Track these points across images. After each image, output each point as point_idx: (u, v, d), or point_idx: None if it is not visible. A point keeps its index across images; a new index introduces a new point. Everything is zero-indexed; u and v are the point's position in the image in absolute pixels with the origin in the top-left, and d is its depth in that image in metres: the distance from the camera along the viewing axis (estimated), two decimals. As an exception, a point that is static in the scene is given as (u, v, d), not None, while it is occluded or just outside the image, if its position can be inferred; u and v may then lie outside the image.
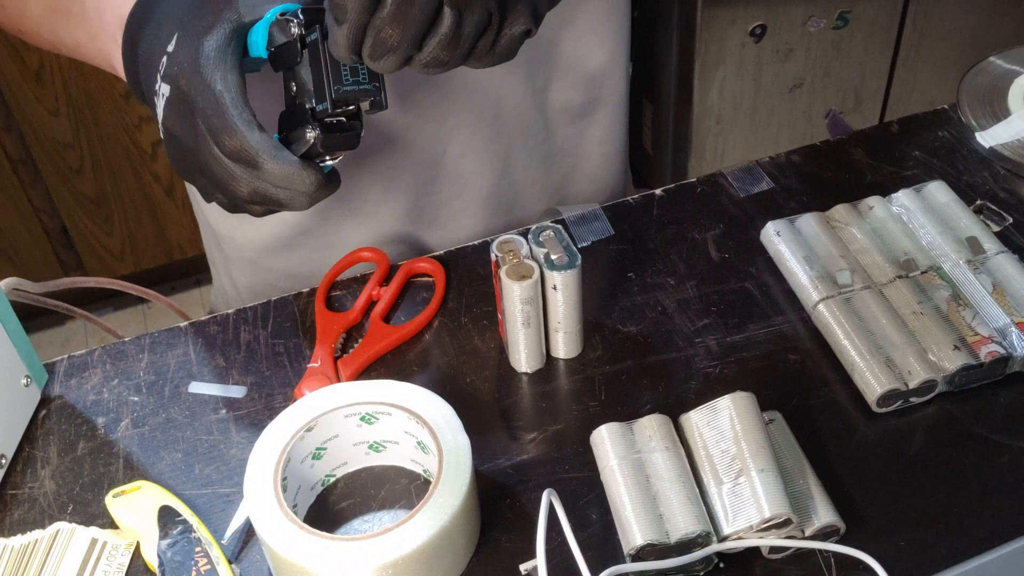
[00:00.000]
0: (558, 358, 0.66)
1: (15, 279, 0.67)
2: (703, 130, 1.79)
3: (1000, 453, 0.59)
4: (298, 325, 0.70)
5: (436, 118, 0.75)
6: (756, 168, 0.79)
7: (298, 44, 0.52)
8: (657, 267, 0.72)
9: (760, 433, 0.55)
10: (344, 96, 0.52)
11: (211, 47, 0.51)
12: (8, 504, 0.60)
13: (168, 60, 0.53)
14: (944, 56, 1.82)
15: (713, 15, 1.62)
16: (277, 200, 0.54)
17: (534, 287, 0.61)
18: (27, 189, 1.81)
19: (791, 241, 0.69)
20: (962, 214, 0.71)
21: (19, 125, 1.72)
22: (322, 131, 0.53)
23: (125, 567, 0.56)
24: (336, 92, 0.52)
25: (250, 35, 0.53)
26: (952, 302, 0.65)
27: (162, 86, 0.53)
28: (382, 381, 0.59)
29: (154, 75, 0.54)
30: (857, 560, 0.53)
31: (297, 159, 0.52)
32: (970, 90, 0.83)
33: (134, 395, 0.66)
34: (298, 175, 0.52)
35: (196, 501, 0.59)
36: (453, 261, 0.73)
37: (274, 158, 0.51)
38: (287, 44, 0.52)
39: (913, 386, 0.60)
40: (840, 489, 0.57)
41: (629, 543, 0.52)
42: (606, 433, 0.57)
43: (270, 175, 0.52)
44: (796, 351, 0.65)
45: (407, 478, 0.60)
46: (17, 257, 1.89)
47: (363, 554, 0.51)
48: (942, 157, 0.79)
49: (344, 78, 0.52)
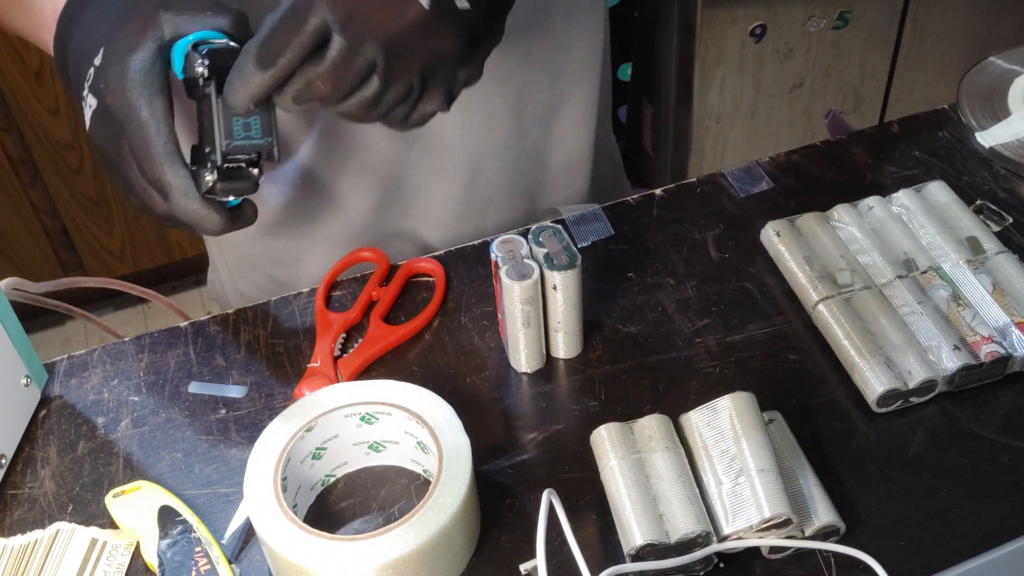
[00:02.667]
0: (558, 358, 0.66)
1: (15, 279, 0.67)
2: (703, 130, 1.79)
3: (1000, 453, 0.59)
4: (298, 325, 0.70)
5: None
6: (756, 168, 0.79)
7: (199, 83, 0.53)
8: (657, 267, 0.72)
9: (760, 433, 0.55)
10: (235, 150, 0.53)
11: (136, 68, 0.52)
12: (8, 504, 0.60)
13: (96, 73, 0.53)
14: (944, 56, 1.82)
15: (713, 15, 1.62)
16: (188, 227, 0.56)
17: (534, 287, 0.61)
18: (27, 189, 1.81)
19: (791, 241, 0.69)
20: (962, 214, 0.71)
21: (19, 125, 1.72)
22: (219, 177, 0.54)
23: (125, 567, 0.56)
24: (226, 146, 0.53)
25: (172, 51, 0.53)
26: (952, 302, 0.65)
27: (89, 96, 0.54)
28: (382, 381, 0.59)
29: (82, 83, 0.54)
30: (857, 560, 0.53)
31: (202, 200, 0.53)
32: (970, 90, 0.83)
33: (134, 395, 0.66)
34: (201, 216, 0.54)
35: (196, 501, 0.59)
36: (453, 261, 0.73)
37: (184, 195, 0.53)
38: (193, 80, 0.53)
39: (913, 386, 0.60)
40: (840, 489, 0.57)
41: (629, 543, 0.52)
42: (606, 433, 0.57)
43: (177, 209, 0.53)
44: (796, 351, 0.65)
45: (407, 478, 0.60)
46: (17, 257, 1.89)
47: (363, 554, 0.51)
48: (942, 157, 0.79)
49: (236, 132, 0.53)
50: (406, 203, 0.81)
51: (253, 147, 0.54)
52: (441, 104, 0.55)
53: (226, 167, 0.54)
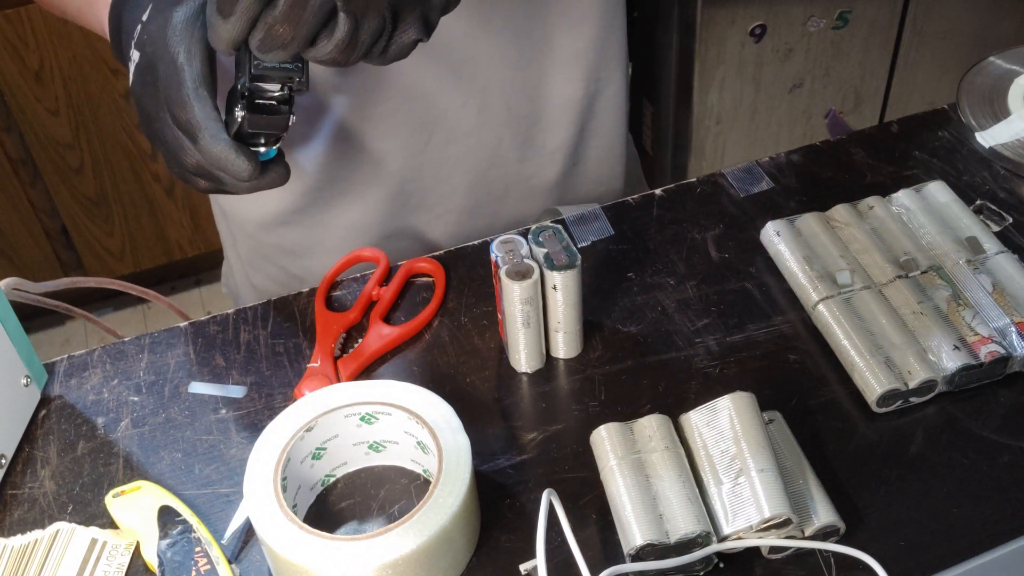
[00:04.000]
0: (558, 358, 0.66)
1: (15, 279, 0.67)
2: (703, 130, 1.79)
3: (1000, 453, 0.59)
4: (298, 325, 0.70)
5: (424, 104, 0.76)
6: (756, 168, 0.79)
7: None
8: (657, 267, 0.72)
9: (760, 433, 0.55)
10: (263, 73, 0.53)
11: (179, 18, 0.53)
12: (8, 504, 0.60)
13: (141, 28, 0.55)
14: (944, 56, 1.82)
15: (713, 15, 1.62)
16: (218, 179, 0.56)
17: (534, 287, 0.61)
18: (27, 189, 1.81)
19: (791, 241, 0.69)
20: (962, 214, 0.71)
21: (19, 125, 1.72)
22: (248, 111, 0.53)
23: (125, 567, 0.56)
24: (255, 67, 0.53)
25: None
26: (952, 302, 0.65)
27: (134, 52, 0.55)
28: (382, 381, 0.59)
29: (129, 42, 0.56)
30: (857, 560, 0.53)
31: (231, 142, 0.54)
32: (970, 90, 0.83)
33: (134, 395, 0.66)
34: (228, 158, 0.54)
35: (196, 501, 0.59)
36: (453, 261, 0.73)
37: (212, 136, 0.53)
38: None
39: (913, 386, 0.60)
40: (840, 489, 0.57)
41: (629, 543, 0.52)
42: (606, 433, 0.57)
43: (205, 152, 0.54)
44: (796, 351, 0.65)
45: (407, 478, 0.60)
46: (17, 257, 1.89)
47: (363, 554, 0.51)
48: (942, 157, 0.79)
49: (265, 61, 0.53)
50: (423, 194, 0.82)
51: (282, 71, 0.53)
52: (419, 32, 0.53)
53: (257, 102, 0.54)
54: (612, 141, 0.86)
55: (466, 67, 0.75)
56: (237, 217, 0.86)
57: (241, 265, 0.91)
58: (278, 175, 0.57)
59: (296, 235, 0.84)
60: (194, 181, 0.58)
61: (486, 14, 0.73)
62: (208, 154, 0.54)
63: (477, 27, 0.74)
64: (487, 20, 0.74)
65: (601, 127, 0.84)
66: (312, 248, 0.84)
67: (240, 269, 0.91)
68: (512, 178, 0.83)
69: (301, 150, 0.78)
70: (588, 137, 0.84)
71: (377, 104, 0.75)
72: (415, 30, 0.53)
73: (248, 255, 0.89)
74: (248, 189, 0.57)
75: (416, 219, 0.83)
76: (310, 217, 0.82)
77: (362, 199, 0.81)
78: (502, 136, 0.80)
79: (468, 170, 0.81)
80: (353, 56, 0.52)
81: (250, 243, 0.87)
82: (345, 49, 0.51)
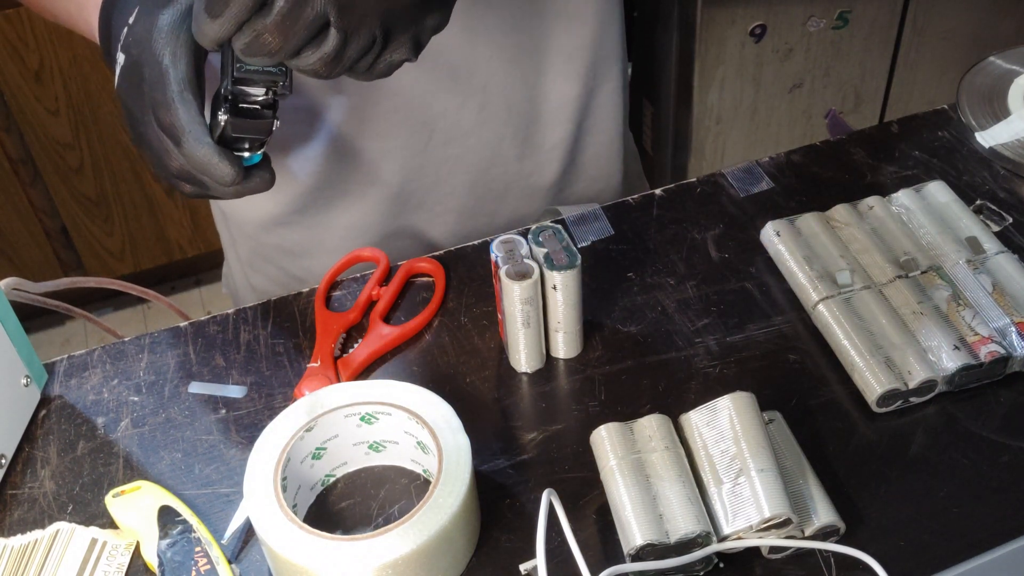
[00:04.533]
0: (558, 358, 0.66)
1: (15, 279, 0.67)
2: (703, 130, 1.79)
3: (1000, 453, 0.59)
4: (298, 325, 0.70)
5: (422, 104, 0.76)
6: (756, 168, 0.79)
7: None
8: (657, 267, 0.72)
9: (760, 433, 0.55)
10: (246, 76, 0.53)
11: (165, 21, 0.53)
12: (8, 504, 0.60)
13: (127, 31, 0.55)
14: (944, 56, 1.82)
15: (713, 15, 1.62)
16: (201, 183, 0.55)
17: (534, 287, 0.61)
18: (27, 189, 1.81)
19: (791, 241, 0.69)
20: (962, 214, 0.71)
21: (19, 125, 1.72)
22: (232, 114, 0.53)
23: (125, 567, 0.56)
24: (238, 70, 0.52)
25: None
26: (952, 302, 0.65)
27: (120, 55, 0.55)
28: (382, 381, 0.59)
29: (115, 45, 0.56)
30: (857, 560, 0.53)
31: (214, 146, 0.53)
32: (970, 90, 0.83)
33: (134, 395, 0.66)
34: (211, 161, 0.53)
35: (196, 501, 0.59)
36: (453, 261, 0.73)
37: (195, 140, 0.53)
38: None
39: (913, 386, 0.60)
40: (840, 489, 0.57)
41: (629, 543, 0.52)
42: (606, 433, 0.57)
43: (189, 156, 0.53)
44: (796, 351, 0.65)
45: (407, 478, 0.60)
46: (17, 257, 1.89)
47: (363, 554, 0.51)
48: (942, 157, 0.79)
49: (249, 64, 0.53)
50: (422, 194, 0.82)
51: (266, 76, 0.53)
52: (408, 53, 0.53)
53: (240, 106, 0.53)
54: (610, 138, 0.86)
55: (464, 67, 0.75)
56: (237, 218, 0.86)
57: (241, 266, 0.91)
58: (262, 180, 0.57)
59: (296, 236, 0.84)
60: (178, 185, 0.57)
61: (482, 14, 0.73)
62: (191, 158, 0.53)
63: (474, 27, 0.74)
64: (484, 20, 0.74)
65: (599, 124, 0.84)
66: (312, 248, 0.84)
67: (240, 270, 0.91)
68: (511, 177, 0.83)
69: (300, 151, 0.78)
70: (586, 134, 0.84)
71: (376, 105, 0.75)
72: (405, 50, 0.53)
73: (248, 256, 0.89)
74: (232, 194, 0.56)
75: (416, 219, 0.83)
76: (310, 218, 0.82)
77: (362, 199, 0.81)
78: (502, 135, 0.80)
79: (468, 169, 0.81)
80: (336, 70, 0.52)
81: (250, 244, 0.87)
82: (329, 63, 0.51)
